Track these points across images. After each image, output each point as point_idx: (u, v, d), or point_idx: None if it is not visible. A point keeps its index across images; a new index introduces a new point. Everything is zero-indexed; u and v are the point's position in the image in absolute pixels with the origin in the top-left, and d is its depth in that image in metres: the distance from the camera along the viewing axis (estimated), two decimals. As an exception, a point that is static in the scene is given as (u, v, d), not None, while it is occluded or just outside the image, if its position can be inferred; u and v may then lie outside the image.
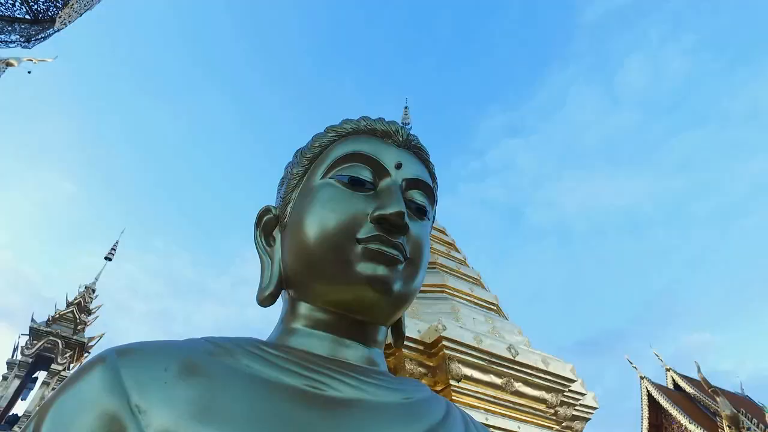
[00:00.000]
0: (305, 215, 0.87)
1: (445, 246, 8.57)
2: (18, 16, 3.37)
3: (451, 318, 5.93)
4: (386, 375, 0.83)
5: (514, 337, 6.21)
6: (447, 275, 7.19)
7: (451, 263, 7.78)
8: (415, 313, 6.25)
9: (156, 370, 0.62)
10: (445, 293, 6.76)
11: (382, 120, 0.99)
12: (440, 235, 8.98)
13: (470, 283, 7.40)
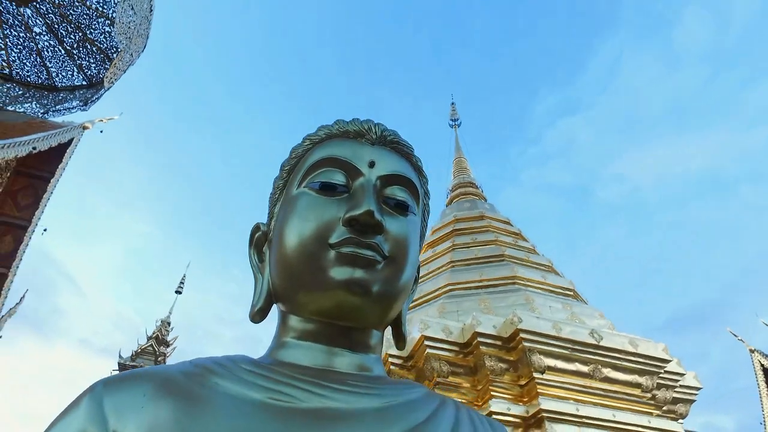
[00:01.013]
0: (283, 227, 0.86)
1: (511, 237, 8.37)
2: (77, 83, 3.78)
3: (526, 309, 5.78)
4: (376, 380, 0.79)
5: (596, 321, 5.94)
6: (516, 266, 7.01)
7: (520, 253, 7.58)
8: (488, 308, 6.14)
9: (135, 396, 0.68)
10: (517, 284, 6.59)
11: (355, 120, 0.97)
12: (505, 227, 8.78)
13: (542, 271, 7.17)
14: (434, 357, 5.32)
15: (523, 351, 5.04)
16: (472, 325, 5.31)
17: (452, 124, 16.50)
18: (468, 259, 7.66)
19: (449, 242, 8.43)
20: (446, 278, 7.27)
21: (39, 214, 12.65)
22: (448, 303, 6.68)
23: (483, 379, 5.18)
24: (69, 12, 3.82)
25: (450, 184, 12.47)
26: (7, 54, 4.03)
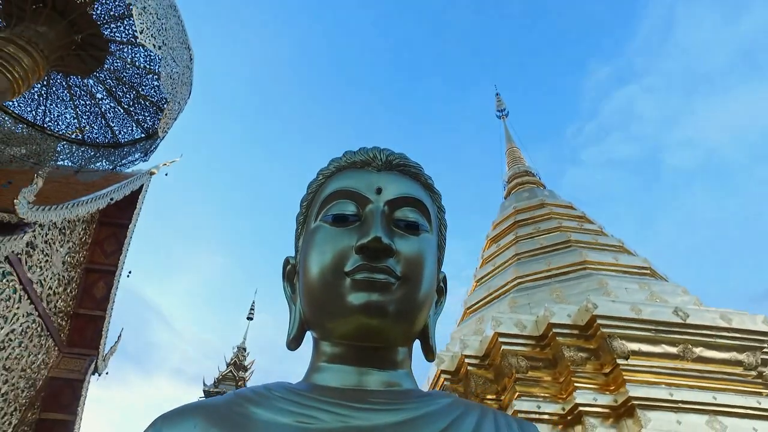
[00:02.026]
0: (305, 260, 0.92)
1: (575, 221, 8.05)
2: (136, 137, 4.17)
3: (600, 294, 5.52)
4: (401, 395, 0.83)
5: (679, 298, 5.56)
6: (584, 250, 6.73)
7: (587, 237, 7.27)
8: (561, 297, 5.93)
9: (187, 428, 0.77)
10: (588, 269, 6.32)
11: (361, 150, 1.02)
12: (567, 211, 8.47)
13: (613, 252, 6.83)
14: (510, 353, 5.21)
15: (602, 338, 4.82)
16: (545, 317, 5.16)
17: (499, 115, 16.18)
18: (533, 249, 7.45)
19: (512, 235, 8.25)
20: (513, 271, 7.11)
21: (123, 258, 13.75)
22: (518, 296, 6.53)
23: (564, 371, 5.00)
24: (123, 75, 4.18)
25: (505, 176, 12.21)
26: (79, 121, 4.46)
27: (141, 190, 14.13)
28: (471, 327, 6.80)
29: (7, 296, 10.58)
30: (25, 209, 9.60)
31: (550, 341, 5.10)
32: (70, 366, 12.80)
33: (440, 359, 5.88)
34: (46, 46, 3.52)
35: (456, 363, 5.67)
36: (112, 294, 13.57)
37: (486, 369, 5.51)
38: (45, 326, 11.97)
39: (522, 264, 7.15)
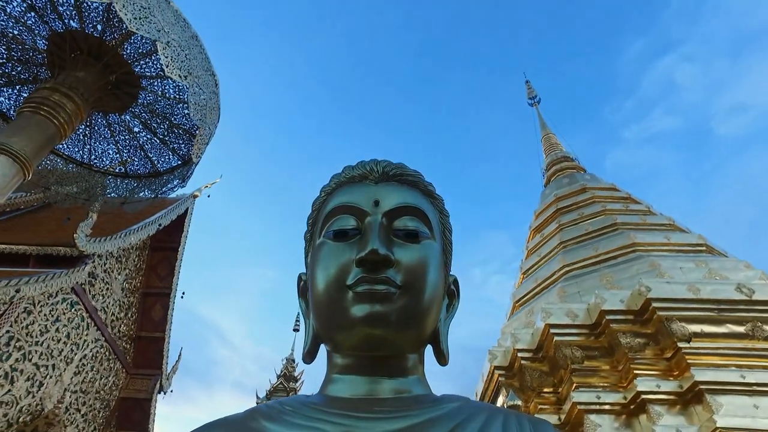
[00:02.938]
0: (312, 276, 0.94)
1: (620, 203, 7.76)
2: (173, 165, 4.39)
3: (652, 276, 5.29)
4: (409, 401, 0.84)
5: (741, 273, 5.25)
6: (632, 232, 6.48)
7: (633, 218, 6.99)
8: (611, 282, 5.73)
9: None
10: (637, 251, 6.07)
11: (359, 164, 1.03)
12: (611, 194, 8.18)
13: (663, 231, 6.53)
14: (564, 344, 5.07)
15: (659, 321, 4.62)
16: (597, 304, 5.00)
17: (531, 103, 15.84)
18: (579, 236, 7.24)
19: (555, 223, 8.04)
20: (560, 260, 6.93)
21: (176, 280, 14.37)
22: (567, 285, 6.35)
23: (622, 359, 4.82)
24: (155, 107, 4.37)
25: (543, 164, 11.93)
26: (121, 155, 4.70)
27: (186, 214, 14.75)
28: (521, 320, 6.67)
29: (76, 324, 11.26)
30: (84, 242, 10.20)
31: (604, 329, 4.94)
32: (138, 386, 13.46)
33: (493, 355, 5.80)
34: (86, 90, 3.74)
35: (509, 358, 5.57)
36: (169, 315, 14.19)
37: (540, 362, 5.39)
38: (112, 350, 12.66)
39: (568, 252, 6.95)
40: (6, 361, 9.30)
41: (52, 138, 3.60)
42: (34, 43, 4.27)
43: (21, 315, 9.59)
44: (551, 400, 5.24)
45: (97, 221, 10.49)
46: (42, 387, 10.22)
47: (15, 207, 12.11)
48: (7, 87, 4.52)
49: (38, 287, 9.25)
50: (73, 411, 11.31)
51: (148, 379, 13.65)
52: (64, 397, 10.97)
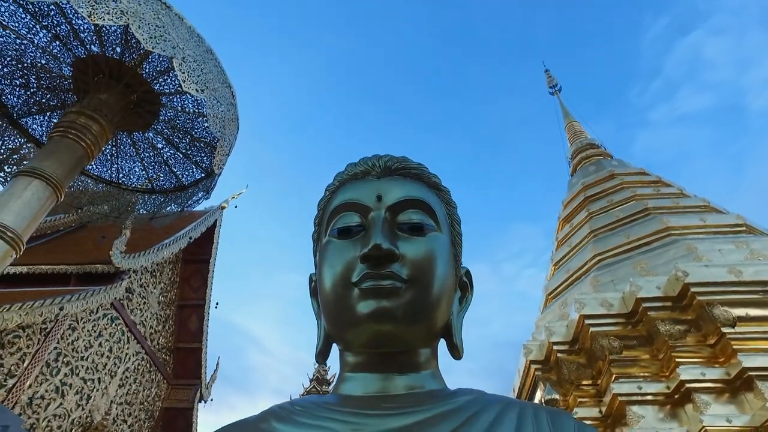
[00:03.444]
0: (320, 275, 0.93)
1: (651, 187, 7.54)
2: (197, 178, 4.49)
3: (689, 260, 5.11)
4: (421, 397, 0.82)
5: (785, 252, 5.01)
6: (665, 216, 6.27)
7: (666, 201, 6.77)
8: (646, 269, 5.56)
9: None
10: (672, 235, 5.87)
11: (361, 160, 1.02)
12: (640, 178, 7.95)
13: (698, 213, 6.30)
14: (600, 335, 4.94)
15: (700, 307, 4.45)
16: (632, 293, 4.85)
17: (552, 91, 15.55)
18: (609, 223, 7.05)
19: (584, 212, 7.86)
20: (591, 249, 6.76)
21: (209, 291, 14.68)
22: (600, 274, 6.19)
23: (662, 347, 4.66)
24: (176, 122, 4.47)
25: (568, 153, 11.69)
26: (147, 172, 4.83)
27: (215, 226, 15.06)
28: (555, 312, 6.54)
29: (117, 338, 11.64)
30: (119, 259, 10.53)
31: (641, 317, 4.79)
32: (179, 396, 13.81)
33: (528, 349, 5.70)
34: (109, 111, 3.86)
35: (544, 351, 5.47)
36: (205, 326, 14.50)
37: (576, 354, 5.27)
38: (152, 362, 13.03)
39: (599, 240, 6.78)
40: (56, 376, 9.69)
41: (80, 160, 3.73)
42: (60, 70, 4.43)
43: (66, 332, 9.97)
44: (591, 393, 5.12)
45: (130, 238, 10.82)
46: (90, 400, 10.60)
47: (55, 229, 12.60)
48: (39, 114, 4.71)
49: (80, 304, 9.59)
50: (120, 422, 11.69)
51: (188, 388, 13.99)
52: (111, 408, 11.34)
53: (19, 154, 4.70)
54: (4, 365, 8.60)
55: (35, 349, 9.20)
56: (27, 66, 4.42)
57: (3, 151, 4.70)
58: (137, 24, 3.12)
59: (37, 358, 9.21)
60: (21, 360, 8.92)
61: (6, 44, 4.32)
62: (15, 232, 3.26)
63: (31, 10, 4.20)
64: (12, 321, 8.12)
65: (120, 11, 3.12)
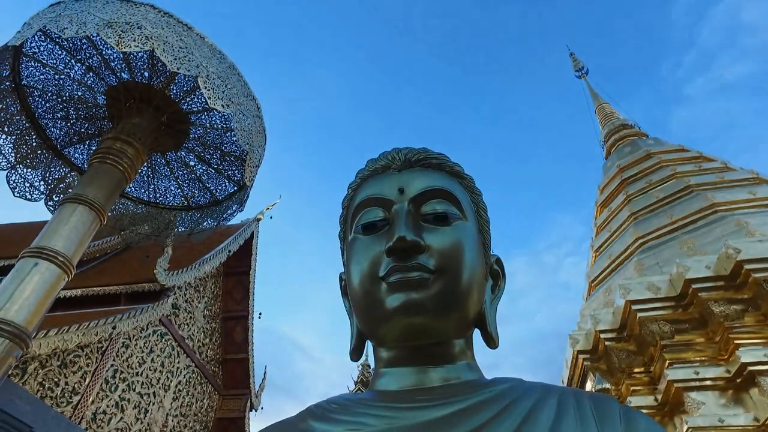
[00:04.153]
0: (348, 273, 0.93)
1: (691, 163, 7.22)
2: (230, 191, 4.62)
3: (740, 236, 4.86)
4: (456, 388, 0.81)
5: None
6: (709, 192, 5.99)
7: (709, 177, 6.47)
8: (692, 249, 5.33)
9: None
10: (718, 212, 5.60)
11: (381, 155, 1.02)
12: (680, 155, 7.63)
13: (746, 186, 5.99)
14: (649, 320, 4.76)
15: (756, 284, 4.22)
16: (679, 274, 4.65)
17: (578, 75, 15.14)
18: (650, 204, 6.80)
19: (622, 195, 7.61)
20: (632, 233, 6.53)
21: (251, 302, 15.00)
22: (644, 258, 5.98)
23: (718, 329, 4.45)
24: (206, 139, 4.61)
25: (601, 136, 11.35)
26: (182, 190, 4.99)
27: (253, 237, 15.40)
28: (599, 300, 6.35)
29: (168, 353, 12.06)
30: (163, 276, 10.92)
31: (692, 299, 4.59)
32: (230, 406, 14.16)
33: (574, 339, 5.56)
34: (142, 134, 4.02)
35: (591, 341, 5.31)
36: (250, 336, 14.83)
37: (626, 341, 5.09)
38: (203, 374, 13.43)
39: (640, 223, 6.55)
40: (115, 392, 10.14)
41: (119, 183, 3.89)
42: (95, 99, 4.64)
43: (120, 349, 10.42)
44: (644, 381, 4.94)
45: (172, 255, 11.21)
46: (147, 413, 11.01)
47: (103, 252, 13.18)
48: (79, 144, 4.94)
49: (130, 323, 10.00)
50: (176, 434, 12.11)
51: (239, 398, 14.33)
52: (168, 421, 11.75)
53: (64, 183, 4.94)
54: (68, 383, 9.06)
55: (94, 367, 9.65)
56: (66, 99, 4.64)
57: (50, 182, 4.95)
58: (161, 48, 3.23)
59: (96, 375, 9.66)
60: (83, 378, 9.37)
61: (47, 81, 4.56)
62: (65, 256, 3.43)
63: (66, 47, 4.42)
64: (71, 341, 8.55)
65: (145, 37, 3.25)
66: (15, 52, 4.22)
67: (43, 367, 8.58)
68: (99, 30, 3.35)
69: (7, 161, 4.67)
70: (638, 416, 0.75)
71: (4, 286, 3.34)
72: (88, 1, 3.75)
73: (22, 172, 4.76)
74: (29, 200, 4.85)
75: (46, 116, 4.66)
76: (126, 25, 3.29)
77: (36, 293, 3.29)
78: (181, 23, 3.56)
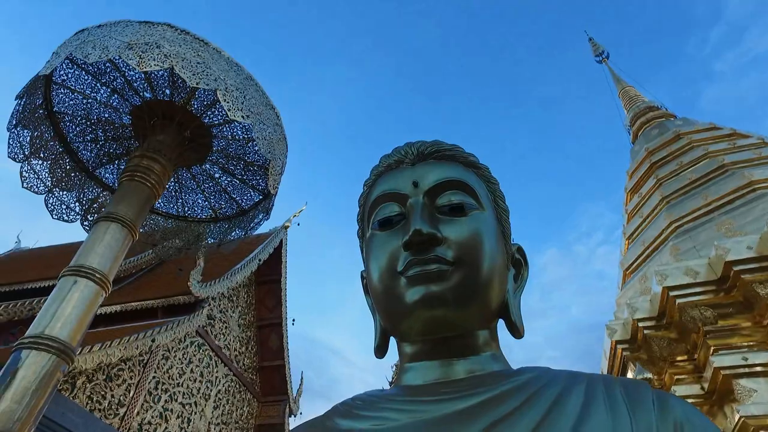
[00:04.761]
0: (368, 270, 0.94)
1: (724, 141, 6.96)
2: (255, 200, 4.72)
3: (782, 213, 4.65)
4: (481, 379, 0.80)
5: None
6: (746, 170, 5.75)
7: (744, 154, 6.22)
8: (731, 229, 5.12)
9: None
10: (756, 190, 5.37)
11: (394, 150, 1.01)
12: (711, 134, 7.36)
13: (785, 161, 5.74)
14: (689, 306, 4.61)
15: (803, 262, 4.03)
16: (719, 257, 4.48)
17: (599, 60, 14.78)
18: (682, 187, 6.58)
19: (652, 179, 7.39)
20: (665, 217, 6.33)
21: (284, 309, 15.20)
22: (679, 242, 5.78)
23: (766, 312, 4.27)
24: (229, 151, 4.70)
25: (626, 120, 11.05)
26: (209, 202, 5.10)
27: (282, 245, 15.61)
28: (635, 288, 6.17)
29: (206, 363, 12.33)
30: (197, 288, 11.18)
31: (734, 282, 4.41)
32: (270, 413, 14.37)
33: (611, 330, 5.43)
34: (167, 150, 4.13)
35: (629, 330, 5.18)
36: (285, 343, 15.02)
37: (666, 329, 4.94)
38: (241, 383, 13.67)
39: (673, 206, 6.34)
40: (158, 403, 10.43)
41: (148, 199, 4.01)
42: (121, 120, 4.79)
43: (161, 361, 10.71)
44: (688, 369, 4.77)
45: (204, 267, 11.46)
46: (190, 423, 11.28)
47: (138, 268, 13.59)
48: (109, 164, 5.10)
49: (168, 335, 10.27)
50: (219, 442, 12.35)
51: (277, 405, 14.53)
52: (210, 430, 12.01)
53: (98, 203, 5.12)
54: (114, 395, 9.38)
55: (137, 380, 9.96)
56: (94, 122, 4.81)
57: (85, 202, 5.13)
58: (180, 64, 3.32)
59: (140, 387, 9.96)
60: (127, 390, 9.68)
61: (76, 106, 4.74)
62: (102, 273, 3.55)
63: (91, 71, 4.58)
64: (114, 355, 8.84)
65: (164, 55, 3.34)
66: (46, 81, 4.41)
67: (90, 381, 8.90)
68: (120, 52, 3.47)
69: (44, 185, 4.87)
70: (673, 400, 0.72)
71: (48, 304, 3.49)
72: (109, 26, 3.89)
73: (58, 194, 4.96)
74: (66, 221, 5.04)
75: (77, 140, 4.85)
76: (145, 46, 3.40)
77: (77, 309, 3.41)
78: (198, 39, 3.65)
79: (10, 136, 4.51)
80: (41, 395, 3.11)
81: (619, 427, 0.66)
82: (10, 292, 12.64)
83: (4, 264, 17.11)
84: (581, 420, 0.67)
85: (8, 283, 13.15)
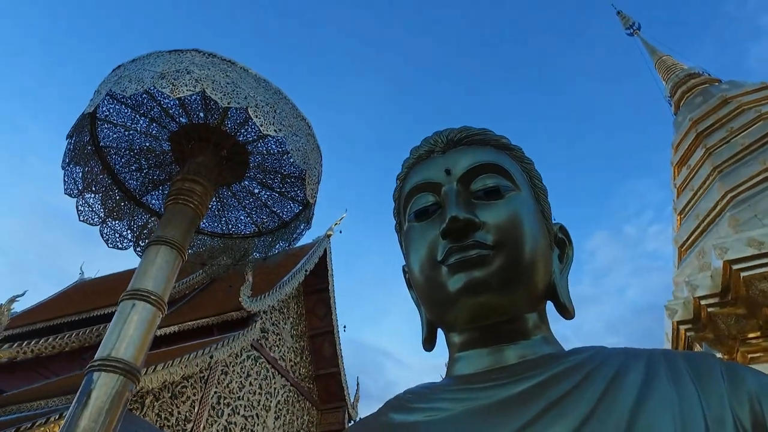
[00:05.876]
0: (408, 263, 0.93)
1: None
2: (295, 211, 4.83)
3: None
4: (534, 363, 0.78)
5: None
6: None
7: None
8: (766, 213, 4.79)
9: None
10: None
11: (423, 141, 1.01)
12: (762, 94, 6.93)
13: None
14: (756, 278, 4.34)
15: None
16: (784, 223, 4.21)
17: (630, 32, 14.20)
18: (735, 154, 6.21)
19: (700, 149, 7.02)
20: (719, 188, 6.00)
21: (335, 317, 15.42)
22: (737, 212, 5.46)
23: (842, 278, 3.97)
24: (266, 165, 4.84)
25: (665, 91, 10.55)
26: (252, 218, 5.25)
27: (326, 254, 15.86)
28: (693, 265, 5.87)
29: (264, 375, 12.65)
30: (248, 303, 11.51)
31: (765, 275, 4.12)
32: (330, 420, 14.59)
33: (671, 310, 5.18)
34: (207, 171, 4.29)
35: (691, 309, 4.92)
36: (338, 350, 15.23)
37: (732, 305, 4.66)
38: (299, 392, 13.95)
39: (726, 175, 6.00)
40: (222, 417, 10.80)
41: (193, 220, 4.17)
42: (161, 147, 5.01)
43: (220, 377, 11.08)
44: (763, 346, 4.49)
45: (252, 282, 11.79)
46: (253, 435, 11.61)
47: (191, 288, 14.13)
48: (154, 190, 5.34)
49: (225, 350, 10.61)
50: (283, 452, 12.64)
51: (336, 412, 14.73)
52: (273, 440, 12.31)
53: (147, 228, 5.36)
54: (180, 412, 9.78)
55: (200, 396, 10.35)
56: (137, 152, 5.05)
57: (135, 229, 5.38)
58: (211, 87, 3.45)
59: (203, 403, 10.34)
60: (192, 406, 10.07)
61: (119, 138, 4.99)
62: (157, 294, 3.72)
63: (130, 104, 4.82)
64: (177, 374, 9.23)
65: (194, 80, 3.48)
66: (91, 118, 4.67)
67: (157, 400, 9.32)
68: (154, 83, 3.63)
69: (98, 217, 5.16)
70: (744, 370, 0.68)
71: (111, 328, 3.68)
72: (143, 59, 4.09)
73: (111, 224, 5.24)
74: (120, 249, 5.32)
75: (123, 170, 5.11)
76: (176, 73, 3.55)
77: (138, 331, 3.59)
78: (225, 60, 3.78)
79: (65, 173, 4.80)
80: (114, 414, 3.28)
81: (685, 402, 0.63)
82: (79, 320, 13.44)
83: (72, 295, 18.22)
84: (643, 396, 0.65)
85: (77, 312, 13.99)
